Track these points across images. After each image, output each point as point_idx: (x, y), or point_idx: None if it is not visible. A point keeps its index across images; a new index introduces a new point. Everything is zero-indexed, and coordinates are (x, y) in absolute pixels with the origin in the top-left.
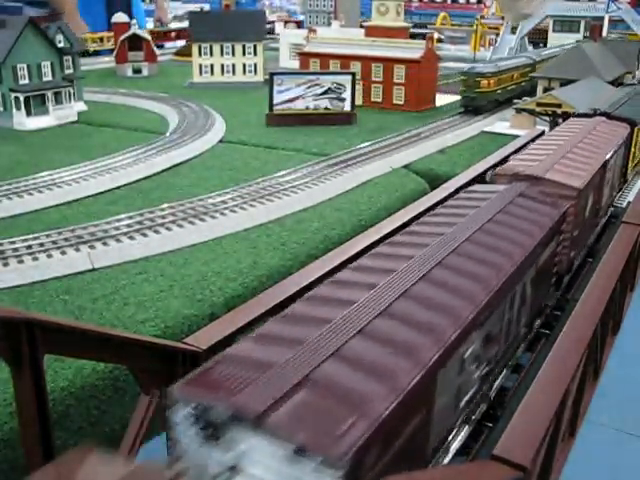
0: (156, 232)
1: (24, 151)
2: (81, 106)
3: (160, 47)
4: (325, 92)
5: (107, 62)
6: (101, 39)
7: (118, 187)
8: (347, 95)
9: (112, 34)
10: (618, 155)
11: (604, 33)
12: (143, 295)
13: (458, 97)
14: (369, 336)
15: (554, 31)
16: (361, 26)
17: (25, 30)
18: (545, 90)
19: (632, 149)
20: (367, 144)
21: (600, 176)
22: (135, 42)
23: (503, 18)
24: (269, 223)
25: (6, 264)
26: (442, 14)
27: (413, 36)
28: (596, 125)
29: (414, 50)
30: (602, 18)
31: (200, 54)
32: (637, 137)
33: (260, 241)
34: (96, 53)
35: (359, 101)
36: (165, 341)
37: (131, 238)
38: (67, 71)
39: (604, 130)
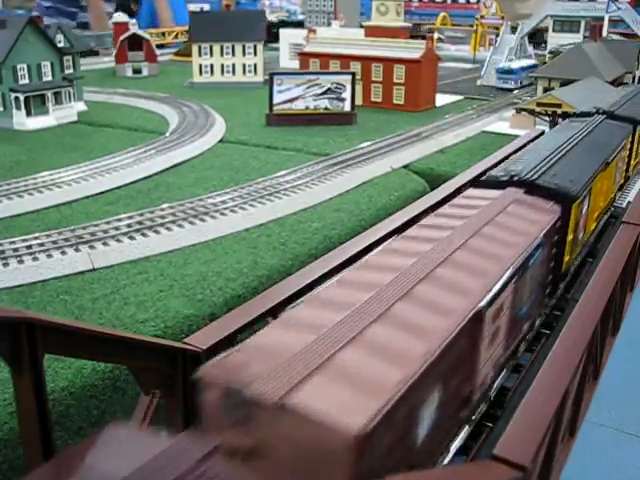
0: (156, 232)
1: (24, 151)
2: (81, 106)
3: None
4: (325, 92)
5: (107, 62)
6: (163, 33)
7: (118, 187)
8: (347, 95)
9: (178, 28)
10: (531, 266)
11: (604, 33)
12: (143, 295)
13: (458, 97)
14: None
15: (554, 31)
16: (361, 26)
17: (25, 30)
18: (545, 90)
19: (569, 235)
20: (367, 144)
21: (468, 336)
22: (135, 42)
23: (503, 18)
24: (269, 223)
25: (6, 264)
26: (442, 14)
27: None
28: (501, 209)
29: (414, 50)
30: (602, 18)
31: (200, 54)
32: (577, 215)
33: (260, 241)
34: (160, 47)
35: (359, 101)
36: (165, 341)
37: (131, 238)
38: (67, 71)
39: (511, 222)
